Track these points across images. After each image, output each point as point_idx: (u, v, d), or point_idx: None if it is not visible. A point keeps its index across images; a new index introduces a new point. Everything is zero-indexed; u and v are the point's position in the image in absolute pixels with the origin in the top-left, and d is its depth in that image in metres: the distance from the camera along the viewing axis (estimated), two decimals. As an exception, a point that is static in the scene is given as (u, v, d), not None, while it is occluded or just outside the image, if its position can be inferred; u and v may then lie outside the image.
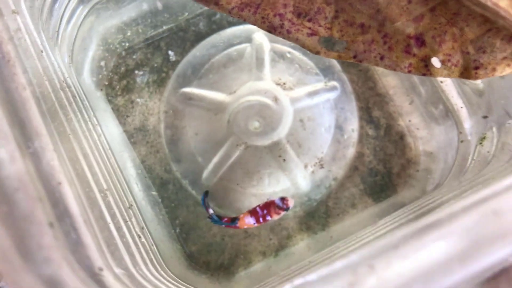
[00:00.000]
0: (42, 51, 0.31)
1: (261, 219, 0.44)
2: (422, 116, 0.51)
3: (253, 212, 0.44)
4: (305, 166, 0.50)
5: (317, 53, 0.30)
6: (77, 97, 0.39)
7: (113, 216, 0.30)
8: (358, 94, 0.53)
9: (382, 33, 0.29)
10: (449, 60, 0.28)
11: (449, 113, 0.46)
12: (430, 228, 0.23)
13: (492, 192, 0.26)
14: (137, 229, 0.36)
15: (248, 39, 0.52)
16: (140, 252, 0.32)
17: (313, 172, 0.50)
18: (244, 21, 0.30)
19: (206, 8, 0.53)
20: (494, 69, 0.27)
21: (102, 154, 0.37)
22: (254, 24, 0.30)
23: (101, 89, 0.51)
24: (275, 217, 0.44)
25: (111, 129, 0.49)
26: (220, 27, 0.53)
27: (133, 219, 0.37)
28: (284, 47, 0.52)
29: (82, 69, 0.48)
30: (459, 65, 0.28)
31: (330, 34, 0.29)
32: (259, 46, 0.51)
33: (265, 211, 0.43)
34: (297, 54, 0.52)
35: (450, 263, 0.21)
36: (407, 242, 0.23)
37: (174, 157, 0.51)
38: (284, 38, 0.30)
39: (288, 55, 0.52)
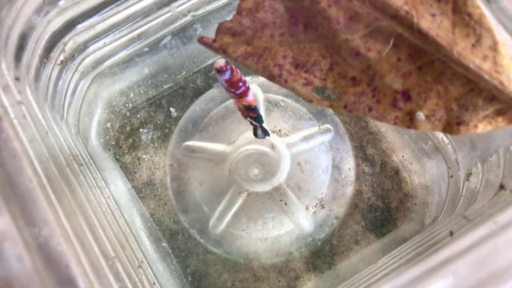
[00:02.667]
0: (47, 132, 0.33)
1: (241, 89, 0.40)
2: (413, 151, 0.51)
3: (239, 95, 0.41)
4: (307, 208, 0.51)
5: (310, 101, 0.31)
6: (84, 165, 0.40)
7: (121, 280, 0.31)
8: (352, 134, 0.54)
9: (372, 87, 0.30)
10: (433, 115, 0.29)
11: (438, 148, 0.47)
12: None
13: (478, 237, 0.27)
14: (148, 287, 0.37)
15: (244, 91, 0.54)
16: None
17: (314, 213, 0.51)
18: (248, 68, 0.31)
19: (202, 65, 0.55)
20: (476, 126, 0.28)
21: (110, 218, 0.38)
22: (256, 72, 0.31)
23: (109, 149, 0.52)
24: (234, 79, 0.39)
25: (120, 187, 0.50)
26: (217, 81, 0.55)
27: (143, 277, 0.38)
28: (277, 96, 0.54)
29: (90, 133, 0.50)
30: (443, 120, 0.29)
31: (324, 84, 0.31)
32: (254, 96, 0.53)
33: (233, 90, 0.40)
34: (290, 101, 0.54)
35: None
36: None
37: (181, 208, 0.52)
38: (281, 86, 0.31)
39: (282, 103, 0.54)
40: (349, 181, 0.52)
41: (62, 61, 0.40)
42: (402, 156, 0.52)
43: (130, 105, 0.53)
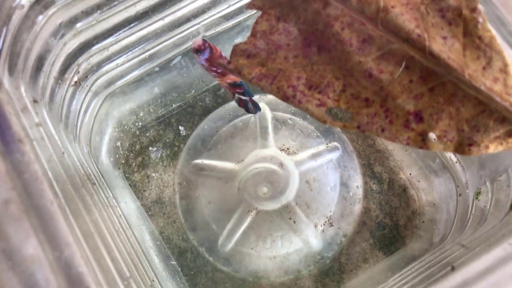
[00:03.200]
0: (63, 153, 0.33)
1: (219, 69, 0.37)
2: (421, 169, 0.52)
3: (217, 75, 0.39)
4: (315, 226, 0.51)
5: (324, 122, 0.31)
6: (97, 184, 0.40)
7: (137, 301, 0.31)
8: (359, 151, 0.54)
9: (384, 108, 0.30)
10: (445, 136, 0.29)
11: (446, 166, 0.47)
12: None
13: (493, 259, 0.27)
14: (160, 307, 0.37)
15: (252, 109, 0.55)
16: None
17: (323, 230, 0.51)
18: (261, 89, 0.32)
19: (211, 84, 0.55)
20: (487, 147, 0.28)
21: (123, 237, 0.38)
22: (270, 93, 0.31)
23: (119, 168, 0.53)
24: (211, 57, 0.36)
25: (129, 205, 0.50)
26: (225, 100, 0.55)
27: (156, 297, 0.38)
28: (285, 114, 0.54)
29: (100, 151, 0.50)
30: (454, 141, 0.29)
31: (337, 105, 0.31)
32: (262, 115, 0.53)
33: (214, 69, 0.37)
34: (298, 119, 0.54)
35: None
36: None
37: (190, 226, 0.52)
38: (295, 106, 0.31)
39: (290, 122, 0.54)
40: (357, 199, 0.52)
41: (76, 82, 0.40)
42: (410, 174, 0.52)
43: (140, 123, 0.54)
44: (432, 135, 0.30)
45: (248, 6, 0.32)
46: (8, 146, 0.25)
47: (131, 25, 0.40)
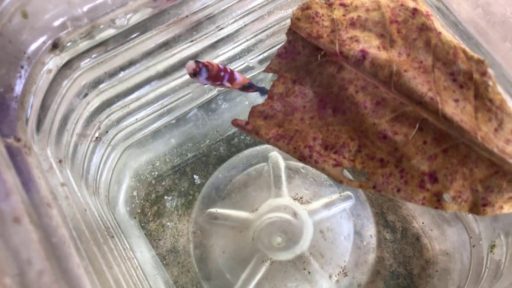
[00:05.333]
0: (85, 210, 0.34)
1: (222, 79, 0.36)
2: (434, 218, 0.51)
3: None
4: (330, 276, 0.50)
5: (341, 182, 0.32)
6: (115, 236, 0.41)
7: None
8: (372, 200, 0.54)
9: (399, 168, 0.31)
10: (459, 197, 0.30)
11: (458, 216, 0.47)
12: None
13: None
14: None
15: (265, 158, 0.55)
16: None
17: (337, 281, 0.50)
18: (279, 149, 0.33)
19: (225, 134, 0.56)
20: (501, 207, 0.29)
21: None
22: (287, 153, 0.32)
23: (135, 217, 0.53)
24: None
25: (145, 254, 0.51)
26: (239, 149, 0.56)
27: None
28: (298, 163, 0.55)
29: (117, 201, 0.51)
30: (469, 201, 0.29)
31: (353, 165, 0.32)
32: (275, 164, 0.54)
33: (218, 83, 0.36)
34: (310, 168, 0.55)
35: None
36: None
37: (204, 275, 0.52)
38: (312, 166, 0.32)
39: (303, 170, 0.55)
40: (371, 248, 0.52)
41: (97, 137, 0.41)
42: (423, 223, 0.52)
43: (156, 173, 0.54)
44: (447, 196, 0.30)
45: (266, 70, 0.34)
46: (38, 210, 0.25)
47: (152, 83, 0.42)
